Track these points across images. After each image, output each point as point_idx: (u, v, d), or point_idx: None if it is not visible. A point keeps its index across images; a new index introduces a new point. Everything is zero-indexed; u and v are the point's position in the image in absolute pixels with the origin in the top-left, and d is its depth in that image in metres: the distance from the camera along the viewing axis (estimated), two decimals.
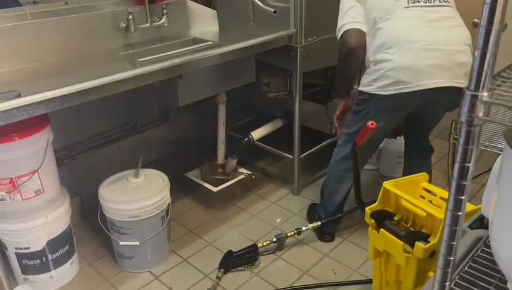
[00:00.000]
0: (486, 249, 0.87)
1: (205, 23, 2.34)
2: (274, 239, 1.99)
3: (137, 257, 1.92)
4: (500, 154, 0.81)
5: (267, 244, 1.99)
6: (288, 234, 2.00)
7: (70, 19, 1.90)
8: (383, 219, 1.45)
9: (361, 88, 1.77)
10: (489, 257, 0.84)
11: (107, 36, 2.01)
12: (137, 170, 1.96)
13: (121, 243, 1.86)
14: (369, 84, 1.72)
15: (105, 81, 1.50)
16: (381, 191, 1.48)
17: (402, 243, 1.36)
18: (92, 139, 2.19)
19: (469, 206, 1.34)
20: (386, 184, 1.48)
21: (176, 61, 1.70)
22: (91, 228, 2.19)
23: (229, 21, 2.35)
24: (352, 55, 1.75)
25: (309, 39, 2.16)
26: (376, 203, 1.49)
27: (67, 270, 1.90)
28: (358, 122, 1.81)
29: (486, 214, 0.86)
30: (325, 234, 2.08)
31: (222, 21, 2.35)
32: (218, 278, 1.86)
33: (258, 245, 1.98)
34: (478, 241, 0.94)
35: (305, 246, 2.06)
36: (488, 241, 0.82)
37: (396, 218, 1.47)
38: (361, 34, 1.73)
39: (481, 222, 1.14)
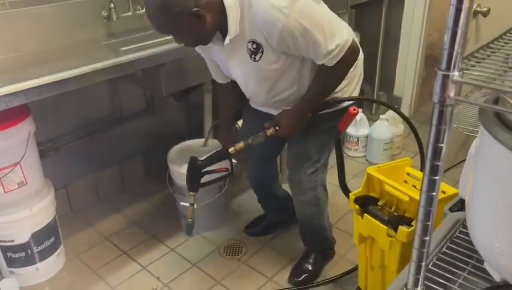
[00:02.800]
0: (463, 230, 0.88)
1: None
2: (250, 141, 1.55)
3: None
4: None
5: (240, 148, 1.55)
6: (268, 133, 1.53)
7: (50, 7, 1.86)
8: (367, 204, 1.46)
9: (341, 99, 1.56)
10: (467, 238, 0.85)
11: (88, 25, 1.98)
12: (206, 138, 2.02)
13: (181, 203, 1.97)
14: (354, 89, 1.61)
15: (86, 70, 1.48)
16: (365, 176, 1.49)
17: (386, 227, 1.37)
18: (76, 131, 2.17)
19: (451, 190, 1.36)
20: (370, 170, 1.49)
21: (158, 50, 1.68)
22: (78, 220, 2.18)
23: None
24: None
25: None
26: (360, 189, 1.50)
27: (54, 263, 1.89)
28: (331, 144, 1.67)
29: (464, 196, 0.87)
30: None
31: None
32: (192, 204, 1.58)
33: (230, 150, 1.55)
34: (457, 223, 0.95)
35: (292, 234, 2.07)
36: (466, 222, 0.83)
37: (380, 203, 1.48)
38: None
39: (462, 205, 1.15)
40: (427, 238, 0.68)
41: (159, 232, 2.09)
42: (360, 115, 2.64)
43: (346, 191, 1.66)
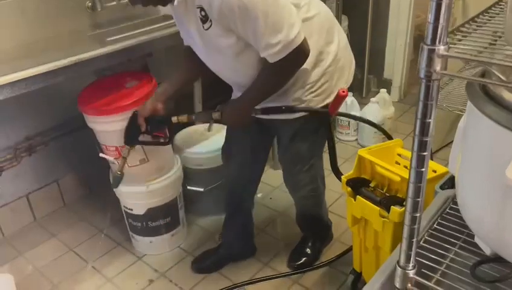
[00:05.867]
0: (454, 206, 0.89)
1: None
2: (193, 117, 1.55)
3: (200, 202, 2.08)
4: None
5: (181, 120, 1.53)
6: (213, 116, 1.49)
7: None
8: (359, 186, 1.47)
9: (317, 105, 1.46)
10: (457, 214, 0.85)
11: (72, 16, 1.93)
12: (209, 125, 1.98)
13: (188, 187, 2.00)
14: (334, 85, 1.48)
15: (72, 61, 1.46)
16: (356, 159, 1.49)
17: (378, 208, 1.38)
18: (66, 125, 2.14)
19: (442, 169, 1.36)
20: (361, 152, 1.49)
21: (144, 38, 1.66)
22: (71, 213, 2.17)
23: None
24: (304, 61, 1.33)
25: None
26: (352, 171, 1.50)
27: (167, 241, 1.95)
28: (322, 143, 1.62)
29: (454, 172, 0.88)
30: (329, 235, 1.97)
31: None
32: (125, 158, 1.58)
33: (172, 119, 1.52)
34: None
35: (287, 219, 2.08)
36: (456, 199, 0.84)
37: (372, 185, 1.48)
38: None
39: (452, 183, 1.16)
40: (418, 215, 0.68)
41: None
42: (351, 99, 2.64)
43: (338, 174, 1.66)
